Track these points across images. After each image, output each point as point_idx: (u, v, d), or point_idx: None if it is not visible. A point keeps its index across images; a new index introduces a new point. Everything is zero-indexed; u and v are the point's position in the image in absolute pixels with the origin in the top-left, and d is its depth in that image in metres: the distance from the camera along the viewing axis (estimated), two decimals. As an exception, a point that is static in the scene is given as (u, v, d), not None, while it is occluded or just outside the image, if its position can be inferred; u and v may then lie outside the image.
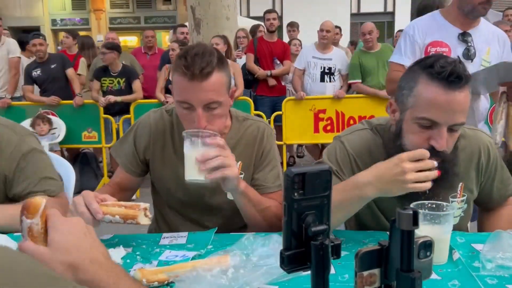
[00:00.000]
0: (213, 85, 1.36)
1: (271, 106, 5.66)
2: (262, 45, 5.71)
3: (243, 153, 1.56)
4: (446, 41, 2.28)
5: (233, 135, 1.57)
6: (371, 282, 0.62)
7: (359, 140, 1.42)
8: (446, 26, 2.32)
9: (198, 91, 1.35)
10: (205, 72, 1.34)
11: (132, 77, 5.27)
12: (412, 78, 1.26)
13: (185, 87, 1.36)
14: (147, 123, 1.59)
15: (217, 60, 1.37)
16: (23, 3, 16.59)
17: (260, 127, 1.60)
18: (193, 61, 1.33)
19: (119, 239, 1.39)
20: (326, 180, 0.61)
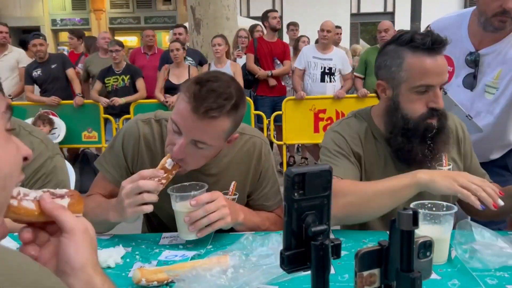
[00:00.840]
0: (212, 129, 1.26)
1: (271, 106, 5.66)
2: (262, 45, 5.71)
3: (237, 172, 1.48)
4: (454, 58, 1.93)
5: (227, 152, 1.46)
6: (371, 282, 0.62)
7: (348, 127, 1.54)
8: (463, 39, 1.91)
9: (193, 126, 1.25)
10: (210, 114, 1.22)
11: (136, 75, 5.30)
12: (396, 55, 1.40)
13: (184, 114, 1.25)
14: (136, 132, 1.47)
15: (231, 106, 1.25)
16: (23, 3, 16.58)
17: (256, 144, 1.50)
18: (205, 97, 1.22)
19: (119, 239, 1.38)
20: (326, 180, 0.61)
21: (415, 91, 1.38)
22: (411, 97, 1.39)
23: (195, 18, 6.38)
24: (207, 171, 1.45)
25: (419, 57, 1.36)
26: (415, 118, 1.39)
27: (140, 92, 5.29)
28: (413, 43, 1.36)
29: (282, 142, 5.53)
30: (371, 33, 15.47)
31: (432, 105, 1.37)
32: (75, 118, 5.42)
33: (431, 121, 1.38)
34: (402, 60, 1.38)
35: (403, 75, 1.38)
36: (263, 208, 1.54)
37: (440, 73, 1.37)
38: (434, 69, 1.35)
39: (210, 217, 1.25)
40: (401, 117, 1.41)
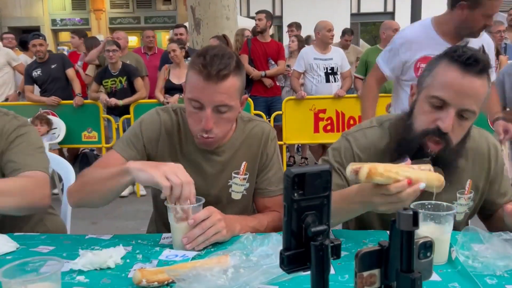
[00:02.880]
0: (228, 89, 1.36)
1: (266, 106, 5.66)
2: (255, 45, 5.72)
3: (247, 154, 1.57)
4: None
5: (238, 135, 1.57)
6: (371, 283, 0.62)
7: (365, 139, 1.44)
8: (437, 41, 2.25)
9: (211, 92, 1.35)
10: (222, 74, 1.33)
11: (132, 75, 5.25)
12: (435, 61, 1.32)
13: (199, 86, 1.35)
14: (156, 119, 1.55)
15: (235, 64, 1.37)
16: (23, 3, 16.58)
17: (264, 129, 1.60)
18: (212, 61, 1.33)
19: (119, 239, 1.38)
20: (326, 180, 0.61)
21: (429, 101, 1.27)
22: (425, 108, 1.28)
23: (195, 18, 6.39)
24: (221, 153, 1.55)
25: (450, 67, 1.25)
26: (417, 131, 1.29)
27: (140, 92, 5.26)
28: (453, 53, 1.26)
29: (282, 142, 5.53)
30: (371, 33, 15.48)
31: (439, 122, 1.24)
32: (75, 118, 5.42)
33: (430, 143, 1.26)
34: (435, 66, 1.29)
35: (428, 81, 1.30)
36: (266, 193, 1.59)
37: (462, 94, 1.22)
38: (457, 86, 1.23)
39: (206, 233, 1.28)
40: (408, 125, 1.32)
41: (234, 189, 1.58)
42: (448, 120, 1.23)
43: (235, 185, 1.58)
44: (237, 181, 1.57)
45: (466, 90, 1.23)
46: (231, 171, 1.57)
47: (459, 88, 1.23)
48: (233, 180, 1.57)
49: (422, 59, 2.29)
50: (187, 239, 1.27)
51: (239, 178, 1.57)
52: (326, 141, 5.47)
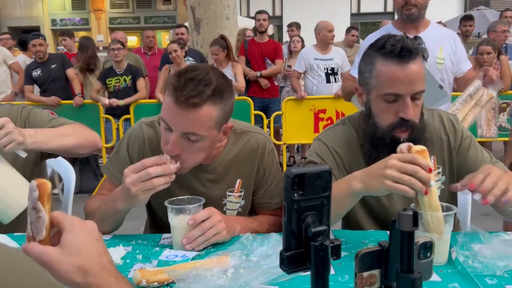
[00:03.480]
0: (198, 118, 1.24)
1: (262, 107, 5.65)
2: (252, 46, 5.72)
3: (242, 170, 1.49)
4: None
5: (229, 150, 1.48)
6: (371, 283, 0.62)
7: (334, 135, 1.52)
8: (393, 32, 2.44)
9: (179, 118, 1.24)
10: (191, 102, 1.21)
11: (137, 75, 5.30)
12: (369, 61, 1.38)
13: (169, 108, 1.25)
14: (140, 136, 1.49)
15: (211, 92, 1.23)
16: (23, 3, 16.58)
17: (259, 141, 1.50)
18: (184, 86, 1.22)
19: (119, 239, 1.38)
20: (326, 180, 0.61)
21: (383, 99, 1.34)
22: (381, 105, 1.35)
23: (195, 18, 6.38)
24: (212, 169, 1.47)
25: (387, 64, 1.32)
26: (384, 128, 1.35)
27: (140, 92, 5.28)
28: (384, 50, 1.32)
29: (282, 142, 5.53)
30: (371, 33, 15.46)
31: (401, 114, 1.32)
32: (75, 118, 5.33)
33: (399, 134, 1.32)
34: (373, 66, 1.35)
35: (373, 82, 1.36)
36: (268, 207, 1.55)
37: (409, 82, 1.30)
38: (402, 78, 1.30)
39: (206, 234, 1.28)
40: (372, 125, 1.38)
41: (228, 207, 1.52)
42: (408, 109, 1.31)
43: (230, 203, 1.51)
44: (232, 199, 1.51)
45: (411, 77, 1.30)
46: (224, 189, 1.50)
47: (404, 78, 1.30)
48: (228, 199, 1.51)
49: None
50: (186, 240, 1.26)
51: (234, 196, 1.50)
52: (326, 141, 5.46)
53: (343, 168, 1.47)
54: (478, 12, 10.06)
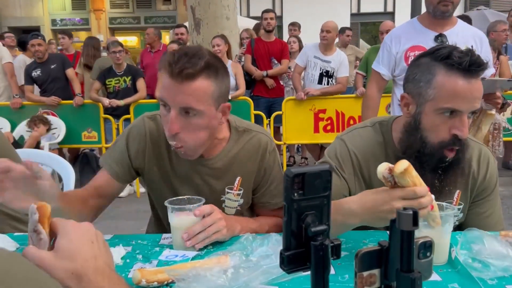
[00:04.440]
0: (194, 90, 1.26)
1: (267, 107, 5.65)
2: (259, 45, 5.72)
3: (243, 168, 1.49)
4: (424, 45, 2.38)
5: (231, 147, 1.49)
6: (371, 283, 0.62)
7: (360, 138, 1.43)
8: (423, 31, 2.47)
9: (175, 92, 1.27)
10: (185, 73, 1.24)
11: (137, 75, 5.31)
12: (428, 70, 1.27)
13: (165, 84, 1.28)
14: (142, 129, 1.49)
15: (204, 64, 1.26)
16: (23, 3, 16.57)
17: (261, 140, 1.51)
18: (178, 60, 1.25)
19: (119, 239, 1.38)
20: (326, 180, 0.61)
21: (440, 113, 1.25)
22: (435, 119, 1.26)
23: (195, 18, 6.37)
24: (212, 165, 1.48)
25: (452, 76, 1.22)
26: (434, 144, 1.26)
27: (140, 93, 5.29)
28: (449, 60, 1.23)
29: (282, 142, 5.53)
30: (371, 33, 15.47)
31: (455, 131, 1.23)
32: (75, 118, 5.42)
33: (447, 153, 1.26)
34: (433, 76, 1.25)
35: (430, 93, 1.26)
36: (268, 206, 1.55)
37: (472, 99, 1.23)
38: (466, 93, 1.22)
39: (207, 231, 1.27)
40: (419, 139, 1.28)
41: (227, 205, 1.52)
42: (464, 128, 1.23)
43: (229, 201, 1.52)
44: (230, 197, 1.51)
45: (474, 94, 1.23)
46: (223, 186, 1.50)
47: (468, 94, 1.22)
48: (226, 196, 1.51)
49: (411, 48, 2.47)
50: (187, 235, 1.26)
51: (232, 193, 1.51)
52: (326, 141, 5.47)
53: (360, 176, 1.40)
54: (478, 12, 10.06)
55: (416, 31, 2.50)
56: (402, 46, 2.51)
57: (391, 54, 2.55)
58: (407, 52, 2.49)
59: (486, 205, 1.44)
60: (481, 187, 1.43)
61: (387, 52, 2.58)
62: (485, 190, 1.43)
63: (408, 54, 2.48)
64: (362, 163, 1.40)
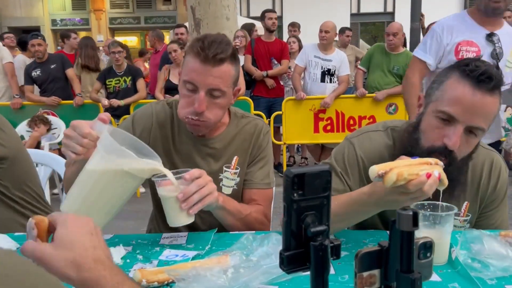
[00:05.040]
0: (223, 73, 1.40)
1: (267, 107, 5.65)
2: (259, 45, 5.71)
3: (239, 148, 1.58)
4: (476, 41, 2.36)
5: (230, 130, 1.59)
6: (371, 283, 0.62)
7: (369, 142, 1.40)
8: (475, 27, 2.40)
9: (207, 75, 1.38)
10: (218, 57, 1.37)
11: (137, 75, 5.32)
12: (445, 73, 1.26)
13: (195, 68, 1.38)
14: (149, 110, 1.58)
15: (231, 51, 1.41)
16: (23, 3, 16.57)
17: (258, 124, 1.62)
18: (210, 45, 1.37)
19: (119, 239, 1.38)
20: (325, 180, 0.61)
21: (438, 116, 1.22)
22: (432, 122, 1.24)
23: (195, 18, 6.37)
24: (212, 145, 1.57)
25: (461, 83, 1.19)
26: (423, 148, 1.24)
27: (140, 93, 5.30)
28: (465, 67, 1.20)
29: (282, 142, 5.52)
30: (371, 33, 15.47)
31: (445, 140, 1.20)
32: (75, 118, 5.30)
33: None
34: (446, 79, 1.24)
35: (437, 94, 1.24)
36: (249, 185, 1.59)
37: (473, 112, 1.17)
38: (468, 103, 1.17)
39: (201, 191, 1.26)
40: (414, 139, 1.28)
41: (224, 183, 1.58)
42: (455, 138, 1.19)
43: (226, 179, 1.58)
44: (228, 175, 1.58)
45: (476, 107, 1.17)
46: (222, 165, 1.57)
47: (469, 104, 1.17)
48: (224, 174, 1.57)
49: (463, 42, 2.40)
50: (182, 195, 1.25)
51: (230, 172, 1.58)
52: (326, 141, 5.47)
53: (366, 182, 1.36)
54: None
55: (467, 25, 2.42)
56: (454, 38, 2.42)
57: (442, 44, 2.44)
58: (458, 46, 2.41)
59: (495, 216, 1.43)
60: (491, 197, 1.40)
61: (437, 41, 2.46)
62: (494, 201, 1.41)
63: (459, 47, 2.40)
64: (368, 168, 1.37)
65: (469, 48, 2.35)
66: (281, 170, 5.57)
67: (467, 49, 2.35)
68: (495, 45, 2.34)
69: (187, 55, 1.44)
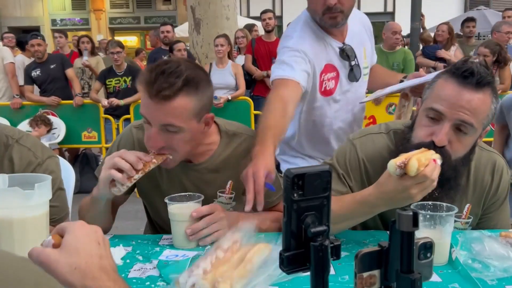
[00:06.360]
0: (173, 109, 1.26)
1: None
2: (259, 45, 5.71)
3: (234, 172, 1.44)
4: (333, 62, 1.81)
5: (221, 151, 1.47)
6: (371, 284, 0.62)
7: (372, 144, 1.40)
8: (327, 40, 1.80)
9: (154, 111, 1.27)
10: (163, 94, 1.23)
11: (137, 75, 5.30)
12: (437, 76, 1.31)
13: (144, 103, 1.29)
14: (130, 138, 1.51)
15: (182, 83, 1.25)
16: (23, 3, 16.57)
17: (252, 144, 1.45)
18: (155, 80, 1.24)
19: (119, 239, 1.38)
20: (326, 181, 0.60)
21: (426, 114, 1.26)
22: (423, 121, 1.27)
23: (195, 18, 6.38)
24: (202, 170, 1.47)
25: (449, 81, 1.24)
26: (413, 144, 1.25)
27: (139, 93, 5.31)
28: (453, 67, 1.26)
29: (282, 142, 5.51)
30: (371, 33, 15.44)
31: (433, 137, 1.22)
32: (75, 118, 5.42)
33: None
34: (437, 79, 1.29)
35: (427, 93, 1.30)
36: (266, 205, 1.50)
37: (457, 107, 1.20)
38: (452, 98, 1.21)
39: (211, 227, 1.29)
40: (406, 138, 1.30)
41: None
42: (442, 134, 1.21)
43: (221, 204, 1.48)
44: (222, 200, 1.49)
45: (461, 102, 1.20)
46: (215, 190, 1.49)
47: (455, 100, 1.21)
48: (218, 199, 1.49)
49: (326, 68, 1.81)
50: (191, 230, 1.27)
51: (224, 197, 1.49)
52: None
53: (366, 184, 1.36)
54: (478, 12, 10.06)
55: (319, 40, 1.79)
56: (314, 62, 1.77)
57: None
58: (322, 75, 1.80)
59: (497, 217, 1.43)
60: (492, 199, 1.40)
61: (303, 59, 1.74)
62: (496, 202, 1.41)
63: (323, 77, 1.81)
64: (370, 170, 1.38)
65: (330, 75, 1.82)
66: (281, 170, 5.57)
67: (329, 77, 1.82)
68: (350, 60, 1.84)
69: (139, 84, 1.31)
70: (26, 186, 1.09)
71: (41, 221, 1.12)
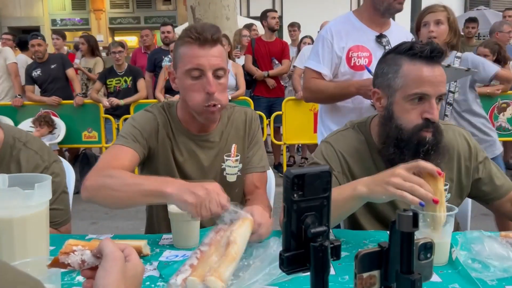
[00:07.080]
0: (221, 52, 1.47)
1: (267, 107, 5.65)
2: (260, 45, 5.71)
3: (236, 136, 1.65)
4: (366, 45, 2.17)
5: (223, 120, 1.65)
6: (371, 284, 0.62)
7: (343, 139, 1.51)
8: (364, 29, 2.20)
9: (209, 56, 1.44)
10: (215, 37, 1.44)
11: (138, 76, 5.34)
12: (394, 63, 1.39)
13: (196, 53, 1.44)
14: (150, 114, 1.59)
15: (220, 31, 1.49)
16: (23, 3, 16.58)
17: (247, 112, 1.70)
18: (203, 29, 1.43)
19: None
20: (325, 181, 0.61)
21: (409, 99, 1.34)
22: (406, 106, 1.35)
23: (195, 18, 6.37)
24: (212, 138, 1.61)
25: (416, 64, 1.34)
26: (409, 129, 1.34)
27: (140, 93, 5.31)
28: (412, 51, 1.34)
29: (282, 142, 5.52)
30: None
31: (426, 115, 1.33)
32: (75, 118, 5.42)
33: (425, 134, 1.33)
34: (399, 67, 1.36)
35: (398, 82, 1.36)
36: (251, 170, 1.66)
37: (437, 83, 1.33)
38: (431, 78, 1.33)
39: None
40: (395, 127, 1.37)
41: (228, 172, 1.63)
42: (433, 110, 1.33)
43: (229, 168, 1.63)
44: (230, 164, 1.63)
45: (438, 78, 1.33)
46: (223, 155, 1.63)
47: (433, 79, 1.33)
48: (226, 163, 1.63)
49: (354, 47, 2.17)
50: None
51: (231, 160, 1.63)
52: (326, 141, 5.46)
53: (348, 174, 1.47)
54: (478, 12, 10.05)
55: (356, 28, 2.20)
56: (343, 44, 2.18)
57: (333, 51, 2.18)
58: (349, 52, 2.17)
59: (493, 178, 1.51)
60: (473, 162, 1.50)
61: (328, 49, 2.19)
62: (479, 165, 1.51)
63: (350, 54, 2.16)
64: (349, 161, 1.47)
65: (361, 54, 2.16)
66: (281, 170, 5.57)
67: (359, 55, 2.16)
68: (385, 47, 2.17)
69: (180, 47, 1.47)
70: (26, 186, 1.09)
71: (41, 221, 1.12)
